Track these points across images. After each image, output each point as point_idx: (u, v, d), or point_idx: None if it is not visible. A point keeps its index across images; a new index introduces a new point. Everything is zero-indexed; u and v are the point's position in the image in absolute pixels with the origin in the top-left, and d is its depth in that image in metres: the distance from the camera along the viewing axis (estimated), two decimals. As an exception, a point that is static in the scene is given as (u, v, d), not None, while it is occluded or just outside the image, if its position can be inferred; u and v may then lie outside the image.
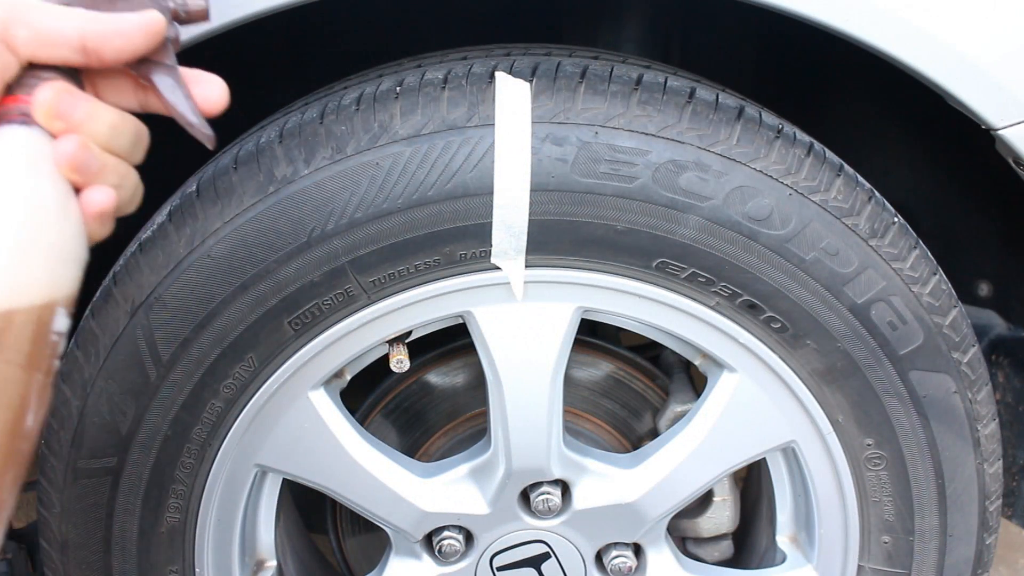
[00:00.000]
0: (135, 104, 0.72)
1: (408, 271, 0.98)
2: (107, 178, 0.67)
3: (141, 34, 0.67)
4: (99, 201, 0.66)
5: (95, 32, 0.66)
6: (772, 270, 0.99)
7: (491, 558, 1.18)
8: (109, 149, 0.67)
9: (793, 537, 1.23)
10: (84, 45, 0.66)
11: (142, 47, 0.68)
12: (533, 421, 1.07)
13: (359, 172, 0.94)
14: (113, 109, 0.67)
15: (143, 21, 0.67)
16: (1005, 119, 0.96)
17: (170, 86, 0.70)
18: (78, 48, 0.66)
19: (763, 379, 1.07)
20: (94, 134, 0.66)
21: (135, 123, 0.69)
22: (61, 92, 0.65)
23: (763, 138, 0.97)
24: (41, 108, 0.64)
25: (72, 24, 0.65)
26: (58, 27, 0.65)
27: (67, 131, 0.65)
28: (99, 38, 0.66)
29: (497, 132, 0.94)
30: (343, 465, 1.09)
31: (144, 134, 0.70)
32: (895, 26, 0.93)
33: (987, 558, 1.18)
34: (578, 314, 1.04)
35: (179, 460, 1.05)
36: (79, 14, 0.66)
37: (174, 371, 1.00)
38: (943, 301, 1.04)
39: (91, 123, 0.66)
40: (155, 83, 0.70)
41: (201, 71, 0.73)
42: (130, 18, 0.67)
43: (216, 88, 0.72)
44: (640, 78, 0.97)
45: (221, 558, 1.13)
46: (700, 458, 1.11)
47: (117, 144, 0.67)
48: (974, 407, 1.08)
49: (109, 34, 0.66)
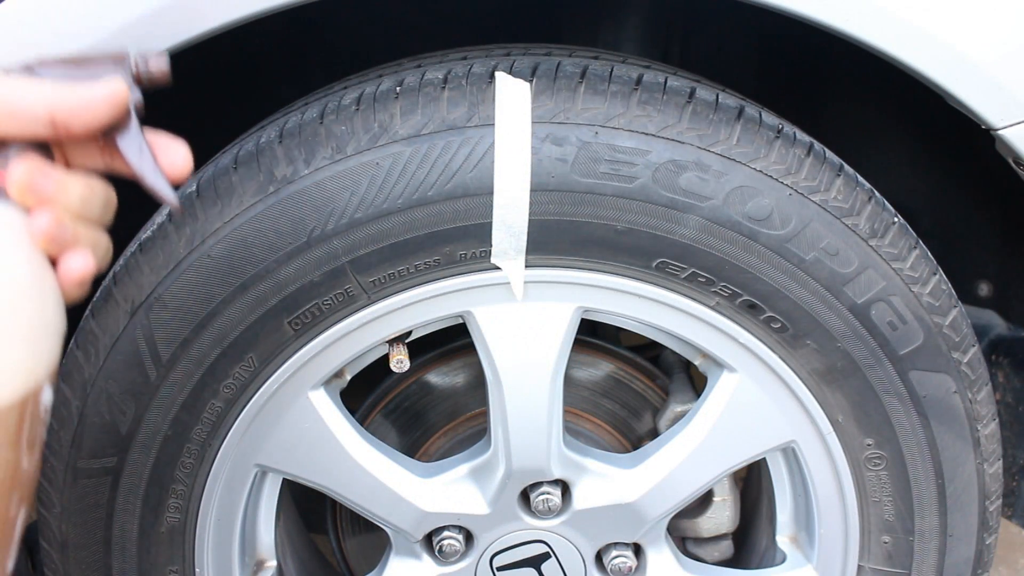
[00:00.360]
0: (101, 166, 0.74)
1: (408, 271, 0.98)
2: (80, 245, 0.68)
3: (107, 106, 0.69)
4: (78, 268, 0.68)
5: (63, 107, 0.67)
6: (772, 270, 0.99)
7: (491, 558, 1.18)
8: (80, 217, 0.68)
9: (793, 537, 1.23)
10: (53, 120, 0.67)
11: (108, 118, 0.69)
12: (533, 421, 1.07)
13: (359, 172, 0.94)
14: (82, 180, 0.69)
15: (108, 94, 0.69)
16: (1005, 119, 0.96)
17: (135, 152, 0.72)
18: (47, 123, 0.67)
19: (763, 379, 1.07)
20: (66, 206, 0.67)
21: (104, 189, 0.71)
22: (33, 170, 0.66)
23: (763, 138, 0.97)
24: (14, 187, 0.66)
25: (40, 100, 0.67)
26: (27, 104, 0.66)
27: (39, 205, 0.66)
28: (67, 113, 0.67)
29: (497, 132, 0.94)
30: (343, 465, 1.09)
31: (112, 198, 0.72)
32: (895, 26, 0.93)
33: (987, 558, 1.18)
34: (578, 314, 1.04)
35: (179, 460, 1.05)
36: (46, 89, 0.67)
37: (174, 371, 1.00)
38: (943, 301, 1.04)
39: (62, 196, 0.67)
40: (121, 149, 0.72)
41: (165, 136, 0.74)
42: (96, 91, 0.68)
43: (180, 154, 0.74)
44: (640, 78, 0.97)
45: (221, 558, 1.13)
46: (700, 458, 1.11)
47: (88, 212, 0.69)
48: (974, 407, 1.08)
49: (76, 108, 0.68)
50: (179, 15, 0.89)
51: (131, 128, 0.72)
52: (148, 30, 0.89)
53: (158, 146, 0.73)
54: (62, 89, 0.68)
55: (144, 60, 0.73)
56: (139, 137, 0.72)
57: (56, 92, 0.68)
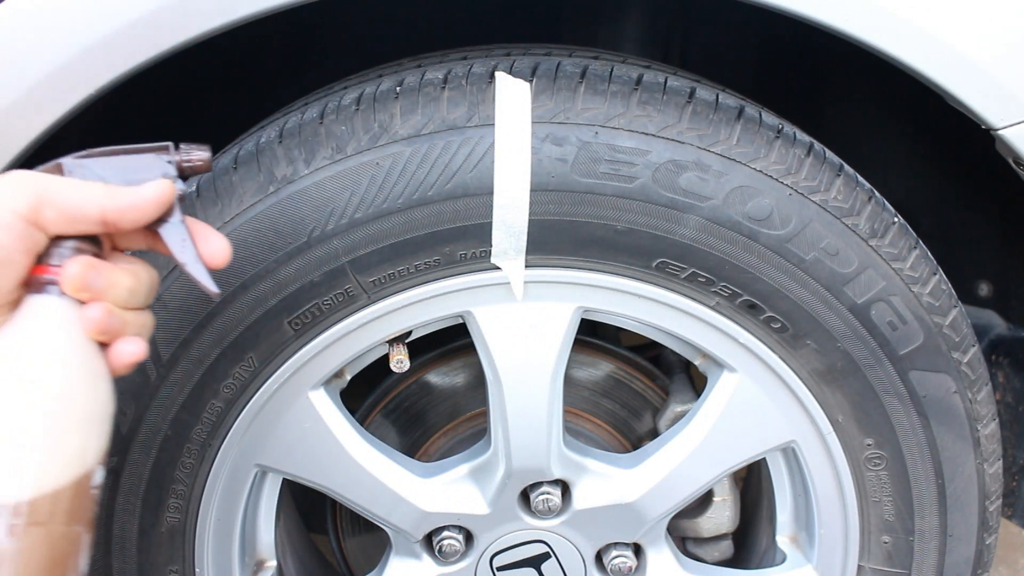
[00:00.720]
0: (144, 246, 0.80)
1: (408, 271, 0.98)
2: (129, 331, 0.75)
3: (153, 207, 0.75)
4: (131, 352, 0.75)
5: (113, 208, 0.73)
6: (772, 270, 0.99)
7: (491, 558, 1.18)
8: (128, 307, 0.75)
9: (793, 537, 1.23)
10: (104, 219, 0.73)
11: (155, 215, 0.76)
12: (533, 421, 1.07)
13: (359, 172, 0.94)
14: (130, 272, 0.75)
15: (155, 195, 0.75)
16: (1005, 119, 0.96)
17: (177, 242, 0.77)
18: (99, 223, 0.73)
19: (763, 379, 1.07)
20: (115, 299, 0.74)
21: (148, 276, 0.77)
22: (87, 267, 0.72)
23: (763, 138, 0.97)
24: (70, 283, 0.72)
25: (93, 202, 0.73)
26: (81, 207, 0.72)
27: (92, 299, 0.73)
28: (117, 213, 0.73)
29: (497, 132, 0.94)
30: (343, 465, 1.09)
31: (156, 281, 0.79)
32: (895, 26, 0.93)
33: (987, 558, 1.18)
34: (578, 314, 1.04)
35: (179, 460, 1.05)
36: (98, 192, 0.73)
37: (174, 371, 1.00)
38: (943, 301, 1.04)
39: (112, 290, 0.73)
40: (164, 239, 0.77)
41: (206, 226, 0.79)
42: (143, 192, 0.75)
43: (220, 244, 0.79)
44: (640, 78, 0.97)
45: (221, 558, 1.13)
46: (700, 458, 1.11)
47: (135, 302, 0.75)
48: (974, 407, 1.08)
49: (125, 210, 0.74)
50: (179, 15, 0.89)
51: (174, 219, 0.77)
52: (149, 30, 0.89)
53: (199, 235, 0.78)
54: (112, 192, 0.74)
55: (188, 151, 0.78)
56: (181, 228, 0.77)
57: (107, 195, 0.73)
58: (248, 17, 0.91)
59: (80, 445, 0.71)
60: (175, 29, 0.90)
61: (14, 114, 0.91)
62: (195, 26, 0.90)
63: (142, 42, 0.90)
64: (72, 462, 0.70)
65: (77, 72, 0.90)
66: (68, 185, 0.73)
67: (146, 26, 0.89)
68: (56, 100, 0.91)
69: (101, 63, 0.90)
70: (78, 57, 0.89)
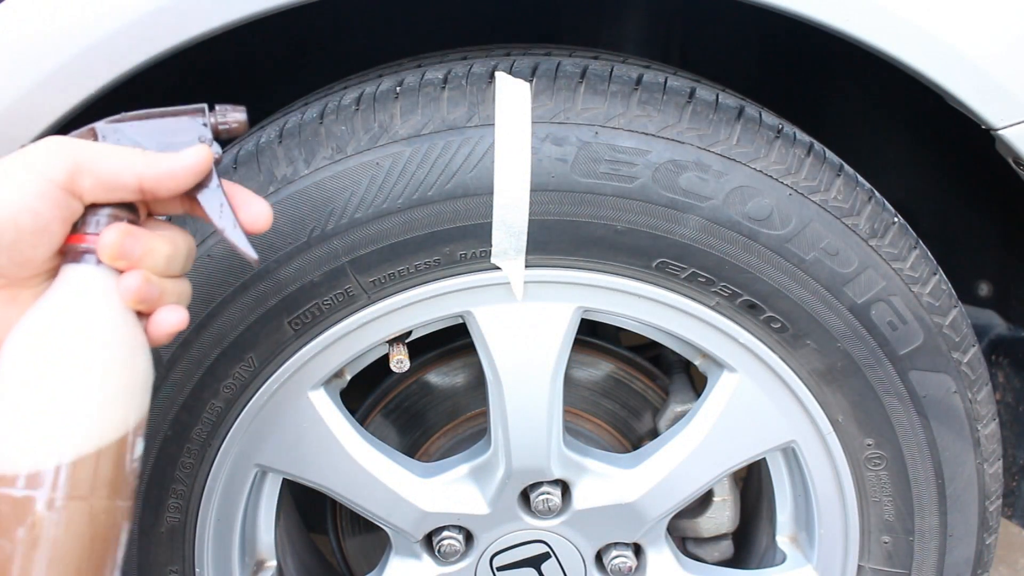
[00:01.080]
0: (181, 211, 0.78)
1: (408, 271, 0.98)
2: (167, 300, 0.74)
3: (191, 174, 0.73)
4: (171, 321, 0.74)
5: (151, 177, 0.72)
6: (772, 270, 0.99)
7: (491, 558, 1.18)
8: (166, 275, 0.74)
9: (793, 537, 1.23)
10: (141, 187, 0.72)
11: (192, 183, 0.74)
12: (533, 421, 1.07)
13: (359, 172, 0.94)
14: (168, 239, 0.73)
15: (193, 161, 0.73)
16: (1005, 119, 0.96)
17: (215, 207, 0.75)
18: (136, 191, 0.72)
19: (763, 379, 1.07)
20: (153, 267, 0.72)
21: (186, 243, 0.76)
22: (123, 235, 0.71)
23: (763, 138, 0.97)
24: (106, 251, 0.70)
25: (130, 170, 0.71)
26: (118, 174, 0.71)
27: (129, 267, 0.71)
28: (154, 181, 0.72)
29: (497, 132, 0.94)
30: (343, 465, 1.09)
31: (193, 248, 0.77)
32: (895, 26, 0.93)
33: (987, 558, 1.18)
34: (578, 314, 1.04)
35: (179, 460, 1.05)
36: (135, 159, 0.72)
37: (174, 371, 1.00)
38: (943, 301, 1.04)
39: (150, 258, 0.72)
40: (202, 204, 0.75)
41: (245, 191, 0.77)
42: (181, 159, 0.73)
43: (261, 208, 0.77)
44: (640, 78, 0.97)
45: (221, 558, 1.13)
46: (700, 458, 1.11)
47: (173, 269, 0.74)
48: (974, 407, 1.08)
49: (163, 177, 0.72)
50: (179, 15, 0.89)
51: (212, 184, 0.75)
52: (149, 30, 0.89)
53: (237, 200, 0.76)
54: (150, 159, 0.72)
55: (223, 112, 0.76)
56: (219, 193, 0.75)
57: (145, 162, 0.72)
58: (248, 17, 0.91)
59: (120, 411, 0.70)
60: (175, 29, 0.90)
61: (14, 114, 0.91)
62: (195, 26, 0.90)
63: (142, 42, 0.90)
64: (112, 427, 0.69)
65: (77, 72, 0.90)
66: (105, 152, 0.71)
67: (146, 26, 0.89)
68: (56, 100, 0.91)
69: (101, 63, 0.90)
70: (78, 57, 0.89)
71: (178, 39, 0.90)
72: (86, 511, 0.68)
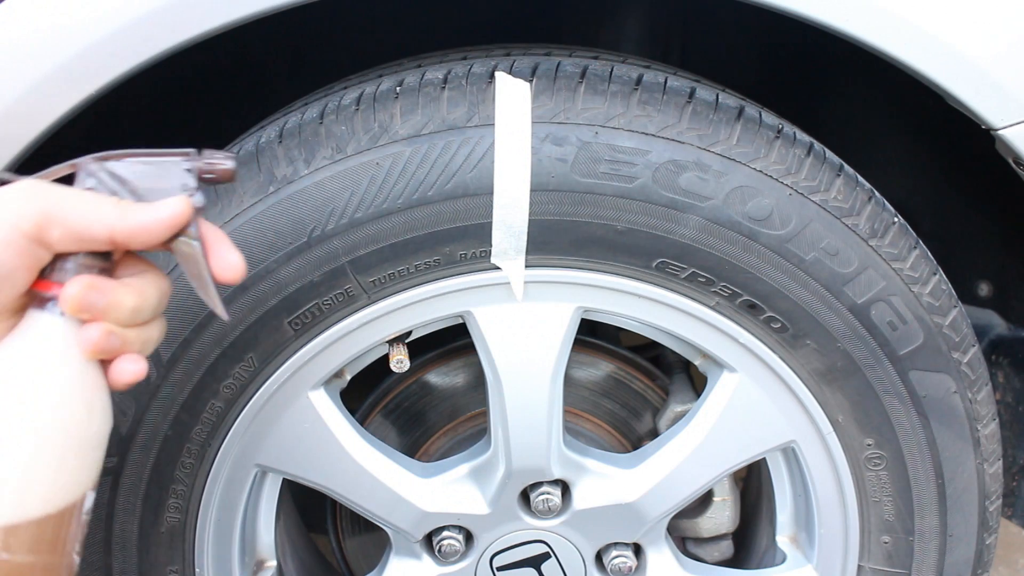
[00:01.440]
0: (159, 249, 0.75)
1: (408, 271, 0.98)
2: (130, 349, 0.72)
3: (165, 228, 0.71)
4: (130, 371, 0.72)
5: (123, 230, 0.70)
6: (772, 270, 0.99)
7: (491, 558, 1.18)
8: (131, 325, 0.72)
9: (793, 537, 1.23)
10: (112, 240, 0.70)
11: (166, 237, 0.72)
12: (533, 421, 1.07)
13: (359, 172, 0.94)
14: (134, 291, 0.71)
15: (167, 215, 0.71)
16: (1005, 119, 0.96)
17: (192, 262, 0.73)
18: (107, 242, 0.70)
19: (763, 379, 1.07)
20: (116, 319, 0.70)
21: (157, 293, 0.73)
22: (87, 289, 0.69)
23: (763, 138, 0.97)
24: (68, 304, 0.69)
25: (101, 223, 0.69)
26: (89, 227, 0.69)
27: (93, 319, 0.70)
28: (127, 235, 0.70)
29: (497, 132, 0.94)
30: (343, 465, 1.09)
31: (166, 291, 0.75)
32: (895, 26, 0.93)
33: (987, 558, 1.18)
34: (578, 314, 1.04)
35: (179, 460, 1.05)
36: (109, 212, 0.69)
37: (174, 371, 1.00)
38: (943, 301, 1.04)
39: (114, 311, 0.70)
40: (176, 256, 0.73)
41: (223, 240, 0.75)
42: (157, 213, 0.71)
43: (233, 260, 0.75)
44: (640, 78, 0.97)
45: (221, 558, 1.13)
46: (700, 458, 1.11)
47: (138, 319, 0.72)
48: (974, 407, 1.08)
49: (136, 231, 0.70)
50: (179, 15, 0.89)
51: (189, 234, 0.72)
52: (149, 30, 0.89)
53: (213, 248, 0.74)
54: (124, 212, 0.70)
55: (211, 159, 0.74)
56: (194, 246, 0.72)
57: (118, 215, 0.70)
58: (248, 17, 0.91)
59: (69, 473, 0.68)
60: (175, 29, 0.90)
61: (14, 114, 0.91)
62: (195, 26, 0.90)
63: (142, 42, 0.90)
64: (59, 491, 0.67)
65: (77, 72, 0.90)
66: (77, 202, 0.69)
67: (146, 26, 0.89)
68: (56, 100, 0.91)
69: (101, 63, 0.90)
70: (78, 57, 0.89)
71: (178, 39, 0.90)
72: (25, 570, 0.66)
